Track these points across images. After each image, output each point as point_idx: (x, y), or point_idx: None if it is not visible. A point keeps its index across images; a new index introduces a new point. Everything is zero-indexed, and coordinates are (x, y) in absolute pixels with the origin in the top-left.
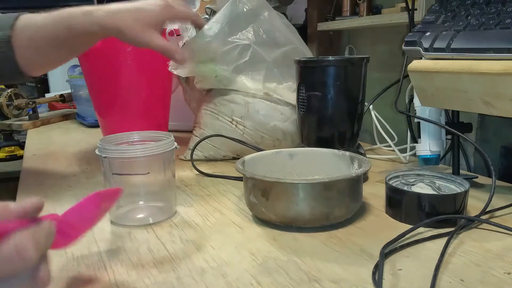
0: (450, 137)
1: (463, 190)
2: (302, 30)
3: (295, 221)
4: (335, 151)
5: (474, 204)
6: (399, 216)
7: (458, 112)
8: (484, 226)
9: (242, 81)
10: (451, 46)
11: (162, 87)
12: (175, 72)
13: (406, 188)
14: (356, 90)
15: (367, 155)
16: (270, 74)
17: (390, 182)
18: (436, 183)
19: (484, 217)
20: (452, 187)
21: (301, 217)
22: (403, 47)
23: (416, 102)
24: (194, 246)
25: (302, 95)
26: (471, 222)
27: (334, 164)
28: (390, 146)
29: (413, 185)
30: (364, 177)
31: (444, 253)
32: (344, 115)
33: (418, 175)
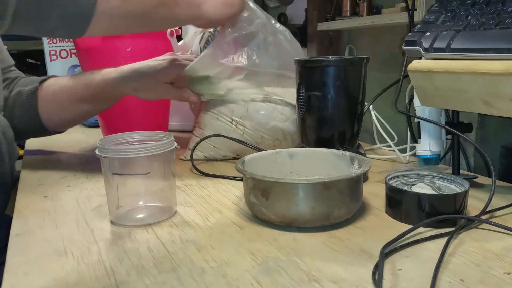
0: (450, 137)
1: (463, 190)
2: (302, 30)
3: (295, 221)
4: (335, 151)
5: (474, 204)
6: (399, 216)
7: (458, 112)
8: (484, 226)
9: (239, 91)
10: (451, 46)
11: None
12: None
13: (406, 188)
14: (356, 90)
15: (367, 155)
16: (269, 81)
17: (390, 182)
18: (436, 183)
19: (484, 217)
20: (452, 187)
21: (301, 217)
22: (403, 47)
23: (416, 102)
24: (194, 246)
25: (302, 95)
26: (471, 222)
27: (334, 164)
28: (390, 146)
29: (413, 185)
30: (364, 177)
31: (444, 253)
32: (344, 115)
33: (418, 175)
